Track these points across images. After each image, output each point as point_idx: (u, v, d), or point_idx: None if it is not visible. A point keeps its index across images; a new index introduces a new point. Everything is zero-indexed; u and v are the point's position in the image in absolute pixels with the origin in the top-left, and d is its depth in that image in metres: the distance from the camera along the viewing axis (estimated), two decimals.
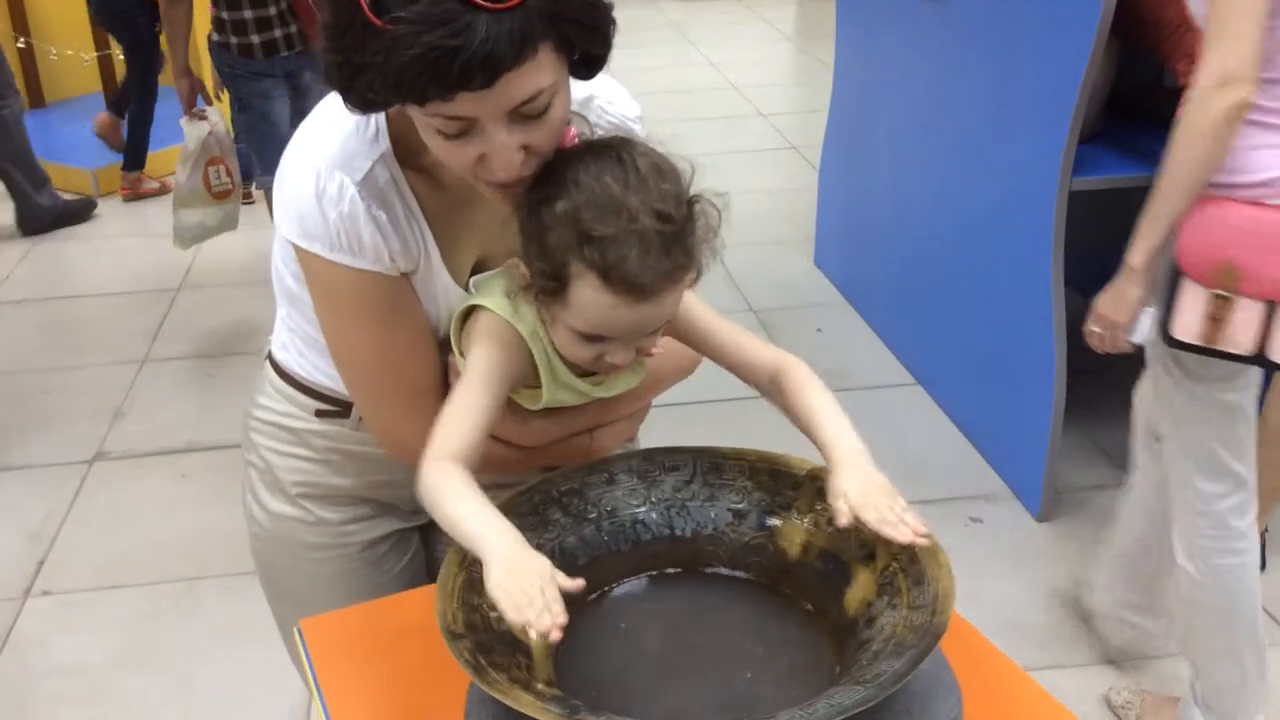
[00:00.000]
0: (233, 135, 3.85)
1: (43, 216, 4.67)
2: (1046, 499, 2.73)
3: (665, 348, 1.23)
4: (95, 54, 5.50)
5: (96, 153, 5.14)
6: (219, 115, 3.73)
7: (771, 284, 4.04)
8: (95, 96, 5.59)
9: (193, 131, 3.65)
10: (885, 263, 3.68)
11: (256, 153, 3.72)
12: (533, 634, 0.87)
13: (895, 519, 0.99)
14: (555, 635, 0.87)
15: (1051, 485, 2.71)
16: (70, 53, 5.49)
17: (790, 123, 5.93)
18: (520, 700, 0.86)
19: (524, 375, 1.13)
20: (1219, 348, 1.80)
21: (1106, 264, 2.21)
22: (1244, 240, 1.75)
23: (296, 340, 1.28)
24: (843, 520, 1.00)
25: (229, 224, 3.84)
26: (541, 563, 0.93)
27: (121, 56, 4.97)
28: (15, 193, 4.62)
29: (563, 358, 1.12)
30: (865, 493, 1.00)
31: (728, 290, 3.94)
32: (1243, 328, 1.77)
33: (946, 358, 3.26)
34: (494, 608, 0.94)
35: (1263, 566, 2.50)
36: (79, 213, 4.80)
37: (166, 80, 4.38)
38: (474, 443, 1.06)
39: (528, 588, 0.89)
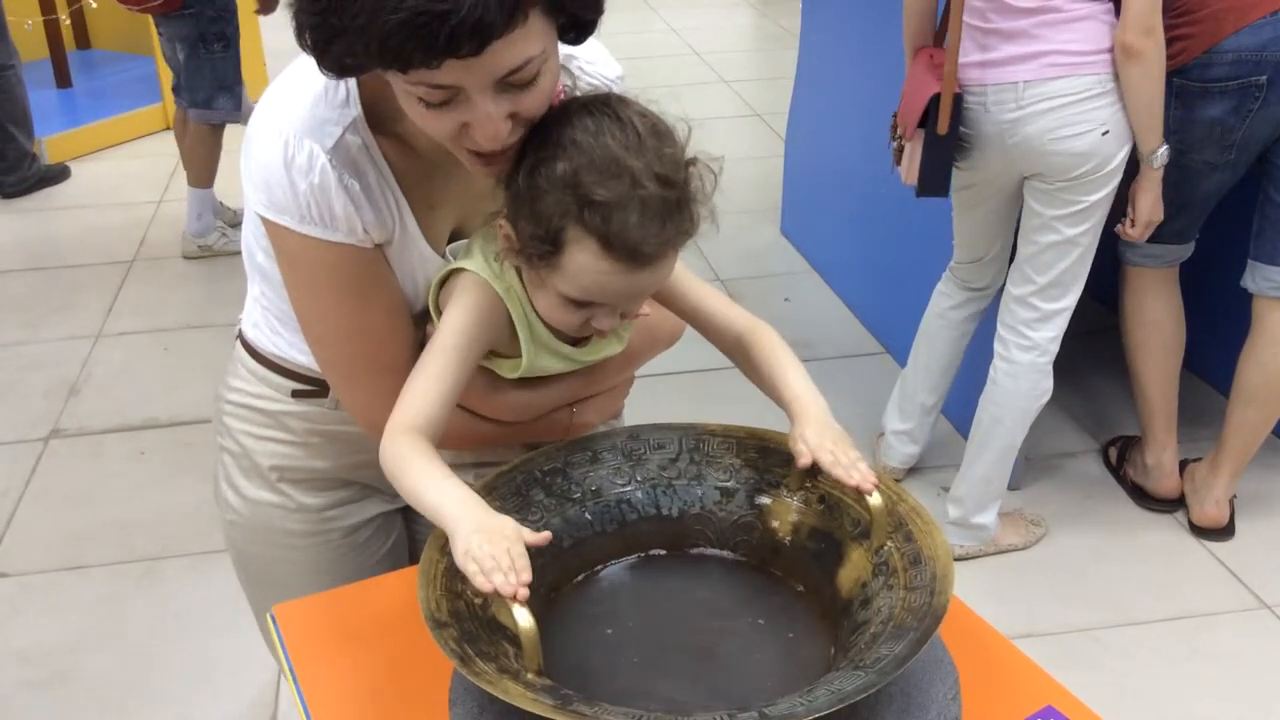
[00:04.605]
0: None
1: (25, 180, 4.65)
2: (1017, 466, 2.72)
3: (649, 317, 1.20)
4: (41, 18, 5.32)
5: (44, 120, 4.99)
6: None
7: (738, 253, 4.00)
8: (43, 63, 5.43)
9: None
10: (853, 231, 3.65)
11: None
12: (509, 601, 0.87)
13: (848, 463, 1.01)
14: (522, 594, 0.87)
15: (1022, 453, 2.71)
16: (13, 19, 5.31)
17: (754, 90, 5.87)
18: (510, 691, 0.83)
19: (500, 339, 1.10)
20: None
21: None
22: None
23: (270, 318, 1.23)
24: (802, 461, 1.03)
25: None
26: (507, 524, 0.92)
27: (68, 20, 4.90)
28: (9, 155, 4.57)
29: (544, 321, 1.08)
30: (822, 438, 1.03)
31: (695, 259, 3.87)
32: None
33: (915, 326, 3.25)
34: (474, 589, 0.92)
35: (1233, 532, 2.52)
36: (55, 177, 4.75)
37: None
38: (440, 410, 1.03)
39: (495, 551, 0.88)
